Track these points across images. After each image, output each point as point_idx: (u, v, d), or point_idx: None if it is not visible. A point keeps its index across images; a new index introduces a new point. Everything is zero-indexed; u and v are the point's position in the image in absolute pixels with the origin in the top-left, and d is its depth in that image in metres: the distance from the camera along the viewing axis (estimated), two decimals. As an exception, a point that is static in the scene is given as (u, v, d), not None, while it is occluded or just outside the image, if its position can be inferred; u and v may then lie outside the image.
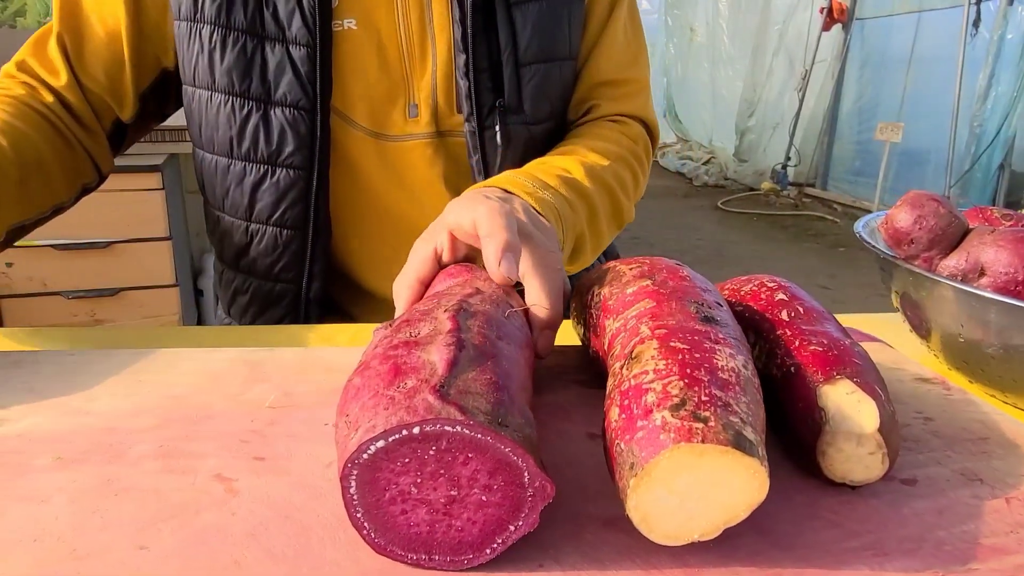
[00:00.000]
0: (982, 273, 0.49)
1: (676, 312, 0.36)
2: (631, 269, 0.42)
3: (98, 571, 0.28)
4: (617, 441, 0.30)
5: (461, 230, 0.47)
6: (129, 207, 2.04)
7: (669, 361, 0.31)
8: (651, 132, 0.79)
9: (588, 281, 0.47)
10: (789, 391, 0.38)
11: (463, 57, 0.65)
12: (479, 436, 0.27)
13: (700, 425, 0.28)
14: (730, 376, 0.31)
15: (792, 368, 0.38)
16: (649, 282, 0.40)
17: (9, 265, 2.00)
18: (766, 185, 5.83)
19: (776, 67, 6.14)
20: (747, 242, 4.54)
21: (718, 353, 0.32)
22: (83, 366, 0.46)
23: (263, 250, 0.68)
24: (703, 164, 6.73)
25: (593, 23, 0.74)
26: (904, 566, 0.31)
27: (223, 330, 0.59)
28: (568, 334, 0.52)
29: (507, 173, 0.60)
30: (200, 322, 2.34)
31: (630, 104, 0.76)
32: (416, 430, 0.27)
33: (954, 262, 0.50)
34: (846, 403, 0.35)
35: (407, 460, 0.28)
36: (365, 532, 0.29)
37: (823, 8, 5.40)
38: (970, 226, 0.53)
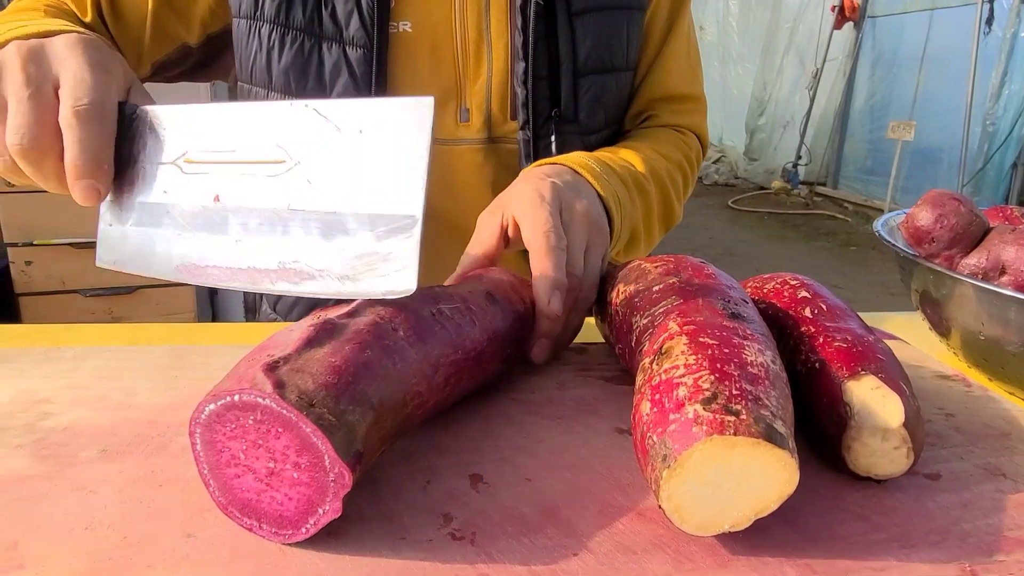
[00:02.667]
0: (1003, 271, 0.50)
1: (703, 308, 0.37)
2: (656, 267, 0.43)
3: (149, 557, 0.29)
4: (649, 434, 0.31)
5: (519, 228, 0.49)
6: (145, 206, 2.06)
7: (699, 356, 0.32)
8: (702, 147, 0.80)
9: (612, 279, 0.48)
10: (813, 387, 0.38)
11: (522, 65, 0.64)
12: (283, 412, 0.29)
13: (732, 418, 0.29)
14: (759, 371, 0.32)
15: (816, 364, 0.39)
16: (675, 279, 0.40)
17: (28, 263, 2.03)
18: (777, 184, 5.82)
19: (787, 65, 6.12)
20: (758, 241, 4.53)
21: (747, 348, 0.33)
22: (120, 362, 0.47)
23: None
24: (713, 163, 6.72)
25: (654, 36, 0.74)
26: (930, 557, 0.31)
27: (250, 327, 0.60)
28: (592, 331, 0.53)
29: (579, 155, 0.61)
30: (215, 319, 2.36)
31: (688, 120, 0.77)
32: (236, 398, 0.29)
33: (975, 260, 0.51)
34: (871, 398, 0.36)
35: (234, 426, 0.30)
36: (211, 490, 0.31)
37: (834, 6, 5.38)
38: (990, 225, 0.53)
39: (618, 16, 0.69)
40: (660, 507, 0.30)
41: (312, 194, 0.36)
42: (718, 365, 0.31)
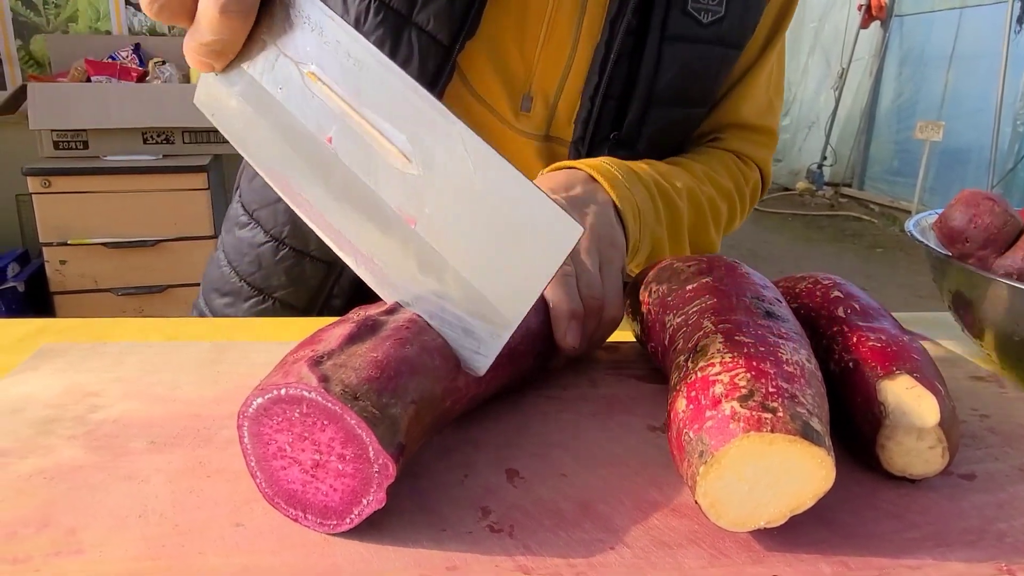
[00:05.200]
0: (1038, 272, 0.49)
1: (737, 307, 0.37)
2: (689, 266, 0.44)
3: (200, 545, 0.30)
4: (685, 430, 0.31)
5: None
6: (175, 207, 2.10)
7: (735, 354, 0.33)
8: (764, 182, 0.76)
9: (643, 278, 0.48)
10: (847, 386, 0.38)
11: (596, 80, 0.61)
12: (329, 404, 0.29)
13: (769, 415, 0.29)
14: (795, 369, 0.32)
15: (850, 363, 0.39)
16: (709, 278, 0.41)
17: (63, 263, 2.07)
18: (801, 185, 5.76)
19: (812, 65, 6.06)
20: (782, 242, 4.49)
21: (782, 347, 0.33)
22: (163, 356, 0.48)
23: None
24: (737, 164, 6.66)
25: (740, 64, 0.69)
26: (967, 557, 0.31)
27: (287, 322, 0.61)
28: (623, 330, 0.54)
29: (603, 160, 0.57)
30: (241, 319, 2.39)
31: (755, 151, 0.73)
32: (283, 391, 0.30)
33: (1010, 261, 0.50)
34: (906, 397, 0.36)
35: (280, 419, 0.31)
36: (258, 481, 0.32)
37: (861, 5, 5.32)
38: (1025, 225, 0.53)
39: (712, 52, 0.63)
40: (696, 503, 0.30)
41: (421, 215, 0.35)
42: (754, 363, 0.32)
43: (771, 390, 0.30)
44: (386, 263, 0.36)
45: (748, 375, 0.31)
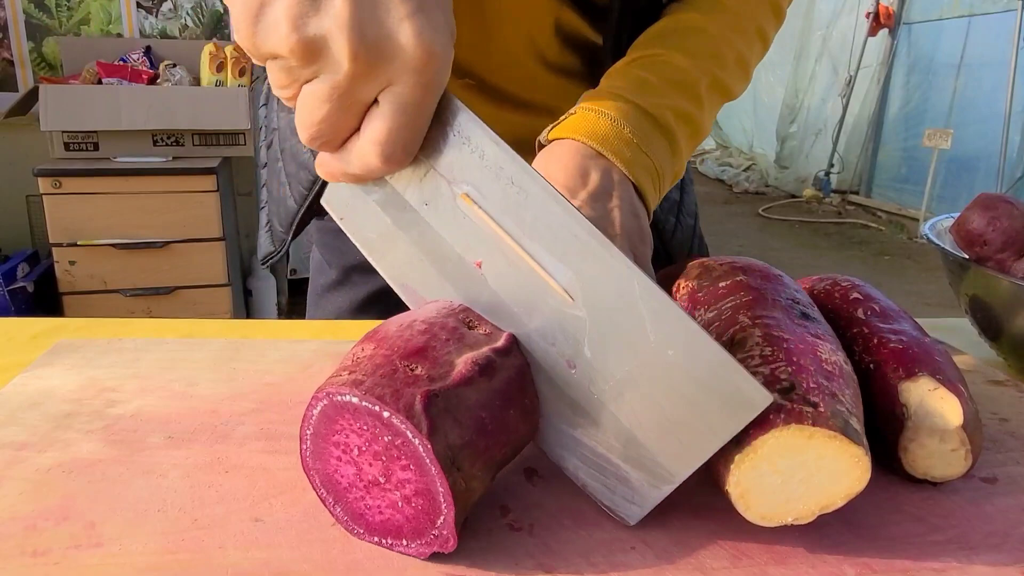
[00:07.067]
0: (1058, 276, 0.49)
1: (772, 306, 0.37)
2: (721, 264, 0.43)
3: (219, 540, 0.30)
4: (720, 420, 0.31)
5: None
6: (185, 209, 2.11)
7: (775, 348, 0.32)
8: None
9: (670, 275, 0.48)
10: (868, 388, 0.38)
11: None
12: (427, 459, 0.28)
13: (810, 409, 0.29)
14: (834, 368, 0.32)
15: (871, 365, 0.38)
16: (743, 276, 0.40)
17: (72, 263, 2.08)
18: (808, 192, 5.75)
19: (819, 72, 6.05)
20: (789, 249, 4.48)
21: (820, 347, 0.33)
22: (180, 354, 0.48)
23: None
24: (743, 171, 6.66)
25: None
26: (991, 560, 0.31)
27: (301, 324, 0.61)
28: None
29: (613, 118, 0.50)
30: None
31: None
32: (386, 414, 0.28)
33: (1029, 265, 0.50)
34: (929, 400, 0.35)
35: (365, 427, 0.29)
36: (304, 447, 0.31)
37: (869, 12, 5.32)
38: (1044, 229, 0.52)
39: None
40: (726, 492, 0.30)
41: (581, 358, 0.32)
42: (795, 358, 0.32)
43: (812, 385, 0.30)
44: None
45: (789, 369, 0.31)
